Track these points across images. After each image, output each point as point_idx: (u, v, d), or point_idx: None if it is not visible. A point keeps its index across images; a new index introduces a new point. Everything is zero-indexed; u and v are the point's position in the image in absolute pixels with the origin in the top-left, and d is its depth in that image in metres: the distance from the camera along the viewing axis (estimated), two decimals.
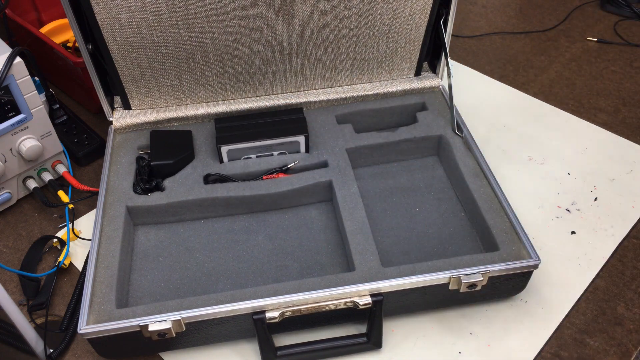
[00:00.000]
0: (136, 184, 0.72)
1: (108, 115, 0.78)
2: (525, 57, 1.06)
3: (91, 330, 0.56)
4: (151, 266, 0.68)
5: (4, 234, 0.75)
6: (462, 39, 1.11)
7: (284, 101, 0.80)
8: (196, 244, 0.70)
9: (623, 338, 0.63)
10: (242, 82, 0.78)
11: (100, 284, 0.61)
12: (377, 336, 0.60)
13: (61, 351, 0.62)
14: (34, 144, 0.72)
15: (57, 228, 0.76)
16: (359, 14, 0.73)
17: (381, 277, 0.60)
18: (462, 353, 0.61)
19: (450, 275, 0.59)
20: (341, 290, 0.58)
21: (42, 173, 0.78)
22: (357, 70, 0.81)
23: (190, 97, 0.79)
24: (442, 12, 0.77)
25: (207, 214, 0.72)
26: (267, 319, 0.58)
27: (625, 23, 1.14)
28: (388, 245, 0.68)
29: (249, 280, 0.66)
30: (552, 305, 0.65)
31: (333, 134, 0.78)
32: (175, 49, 0.72)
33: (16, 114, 0.70)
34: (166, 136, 0.77)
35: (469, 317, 0.65)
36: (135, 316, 0.57)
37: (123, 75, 0.74)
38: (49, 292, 0.67)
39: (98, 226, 0.66)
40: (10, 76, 0.67)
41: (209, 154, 0.75)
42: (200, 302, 0.58)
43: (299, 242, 0.70)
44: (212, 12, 0.69)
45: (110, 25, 0.68)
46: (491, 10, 1.20)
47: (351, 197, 0.69)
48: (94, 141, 0.85)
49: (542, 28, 1.13)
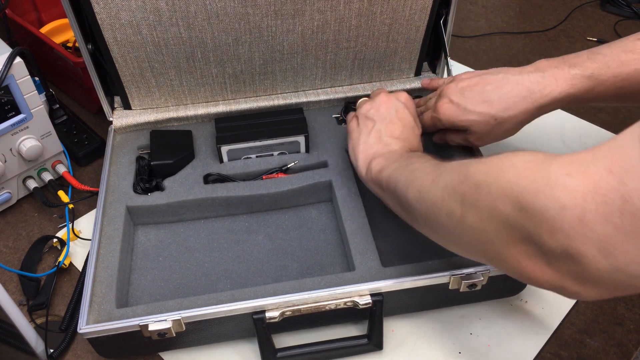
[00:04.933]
0: (136, 184, 0.72)
1: (108, 115, 0.78)
2: (525, 57, 1.06)
3: (91, 330, 0.56)
4: (151, 266, 0.67)
5: (4, 234, 0.75)
6: (462, 39, 1.11)
7: (284, 101, 0.80)
8: (196, 244, 0.70)
9: (623, 338, 0.63)
10: (242, 82, 0.78)
11: (100, 283, 0.61)
12: (378, 337, 0.60)
13: (61, 351, 0.62)
14: (34, 144, 0.72)
15: (57, 228, 0.76)
16: (359, 13, 0.73)
17: (381, 277, 0.60)
18: (462, 353, 0.61)
19: (450, 275, 0.59)
20: (341, 290, 0.58)
21: (42, 173, 0.78)
22: (357, 70, 0.81)
23: (190, 97, 0.79)
24: (442, 12, 0.77)
25: (207, 214, 0.72)
26: (267, 319, 0.58)
27: (625, 23, 1.14)
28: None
29: (249, 280, 0.66)
30: (552, 305, 0.65)
31: (333, 134, 0.78)
32: (176, 49, 0.72)
33: (16, 114, 0.70)
34: (166, 136, 0.77)
35: (469, 317, 0.65)
36: (135, 316, 0.57)
37: (123, 75, 0.74)
38: (49, 292, 0.67)
39: (98, 226, 0.66)
40: (10, 76, 0.67)
41: (209, 154, 0.75)
42: (200, 302, 0.58)
43: (299, 242, 0.70)
44: (212, 12, 0.69)
45: (110, 24, 0.68)
46: (491, 10, 1.20)
47: (351, 197, 0.69)
48: (94, 141, 0.85)
49: (542, 28, 1.14)
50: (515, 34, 1.12)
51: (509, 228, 0.38)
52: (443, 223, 0.45)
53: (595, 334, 0.63)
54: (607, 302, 0.66)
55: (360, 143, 0.64)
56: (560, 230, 0.34)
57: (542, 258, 0.36)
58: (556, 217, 0.34)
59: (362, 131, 0.64)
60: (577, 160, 0.35)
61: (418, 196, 0.49)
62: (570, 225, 0.33)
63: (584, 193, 0.33)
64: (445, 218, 0.44)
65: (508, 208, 0.37)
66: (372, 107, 0.65)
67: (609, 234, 0.32)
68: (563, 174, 0.35)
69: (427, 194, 0.47)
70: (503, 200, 0.38)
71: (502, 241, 0.39)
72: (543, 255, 0.36)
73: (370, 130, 0.64)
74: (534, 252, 0.37)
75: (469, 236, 0.42)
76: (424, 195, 0.48)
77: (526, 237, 0.37)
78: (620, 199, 0.32)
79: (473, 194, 0.41)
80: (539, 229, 0.35)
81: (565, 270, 0.35)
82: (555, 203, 0.34)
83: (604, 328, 0.64)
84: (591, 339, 0.63)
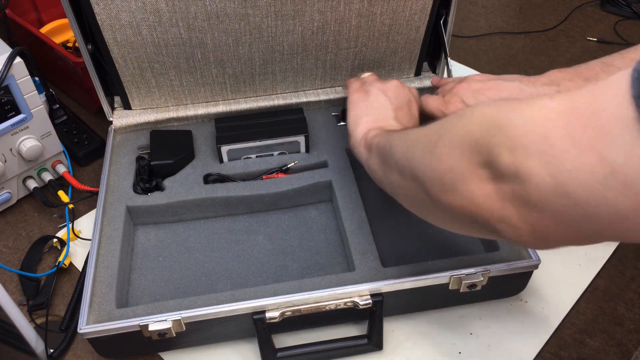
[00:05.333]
0: (136, 184, 0.72)
1: (108, 115, 0.78)
2: (525, 57, 1.06)
3: (91, 330, 0.56)
4: (151, 266, 0.67)
5: (4, 234, 0.75)
6: (462, 39, 1.11)
7: (284, 101, 0.80)
8: (196, 244, 0.70)
9: (623, 338, 0.63)
10: (242, 82, 0.78)
11: (100, 283, 0.61)
12: (378, 337, 0.60)
13: (61, 351, 0.62)
14: (34, 144, 0.72)
15: (57, 228, 0.76)
16: (359, 14, 0.73)
17: (381, 277, 0.60)
18: (462, 353, 0.61)
19: (450, 275, 0.59)
20: (341, 290, 0.58)
21: (42, 173, 0.78)
22: (357, 70, 0.81)
23: (190, 97, 0.79)
24: (442, 12, 0.77)
25: (207, 213, 0.72)
26: (267, 319, 0.58)
27: (625, 23, 1.14)
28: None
29: (249, 280, 0.66)
30: (552, 305, 0.65)
31: (333, 134, 0.78)
32: (176, 49, 0.72)
33: (16, 114, 0.70)
34: (166, 136, 0.77)
35: (469, 317, 0.65)
36: (135, 316, 0.57)
37: (123, 75, 0.74)
38: (49, 292, 0.67)
39: (98, 226, 0.66)
40: (10, 76, 0.67)
41: (209, 154, 0.75)
42: (200, 302, 0.58)
43: (299, 242, 0.70)
44: (212, 13, 0.69)
45: (110, 25, 0.68)
46: (491, 10, 1.20)
47: (351, 197, 0.69)
48: (94, 141, 0.85)
49: (542, 28, 1.14)
50: (515, 34, 1.12)
51: (474, 150, 0.38)
52: (416, 157, 0.46)
53: (595, 334, 0.63)
54: (607, 302, 0.66)
55: (368, 114, 0.63)
56: (521, 145, 0.35)
57: (492, 183, 0.37)
58: (522, 132, 0.35)
59: (372, 104, 0.64)
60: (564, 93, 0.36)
61: (402, 140, 0.50)
62: (532, 140, 0.34)
63: (560, 111, 0.33)
64: (420, 150, 0.46)
65: (482, 129, 0.38)
66: (387, 88, 0.65)
67: (565, 148, 0.32)
68: (545, 99, 0.35)
69: (412, 134, 0.49)
70: (479, 124, 0.39)
71: (462, 166, 0.40)
72: (494, 180, 0.37)
73: (381, 107, 0.63)
74: (487, 177, 0.38)
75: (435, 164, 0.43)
76: (408, 136, 0.49)
77: (486, 160, 0.37)
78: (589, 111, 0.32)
79: (453, 122, 0.42)
80: (501, 146, 0.36)
81: (509, 194, 0.36)
82: (525, 117, 0.35)
83: (604, 328, 0.64)
84: (591, 339, 0.63)
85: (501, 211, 0.38)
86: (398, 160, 0.50)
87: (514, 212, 0.37)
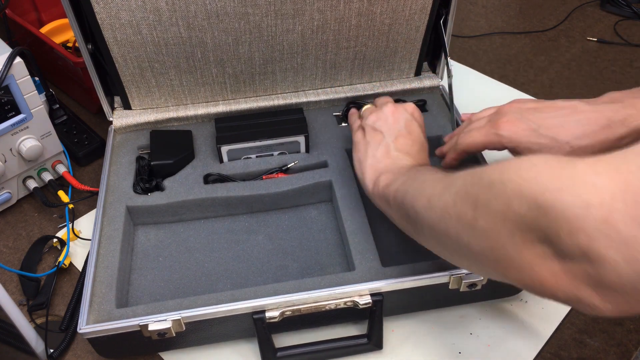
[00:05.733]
0: (136, 184, 0.72)
1: (108, 115, 0.78)
2: (525, 57, 1.06)
3: (91, 330, 0.56)
4: (151, 266, 0.67)
5: (4, 234, 0.75)
6: (462, 39, 1.11)
7: (284, 101, 0.80)
8: (196, 244, 0.70)
9: (623, 338, 0.63)
10: (242, 82, 0.78)
11: (100, 283, 0.61)
12: (377, 337, 0.60)
13: (61, 351, 0.62)
14: (34, 144, 0.72)
15: (57, 228, 0.76)
16: (358, 13, 0.73)
17: (381, 277, 0.60)
18: (462, 353, 0.61)
19: (450, 275, 0.59)
20: (341, 289, 0.58)
21: (42, 173, 0.78)
22: (357, 70, 0.81)
23: (190, 97, 0.79)
24: (442, 12, 0.77)
25: (207, 214, 0.72)
26: (267, 319, 0.58)
27: (625, 23, 1.14)
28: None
29: (249, 280, 0.66)
30: (552, 305, 0.65)
31: (333, 134, 0.78)
32: (176, 49, 0.72)
33: (16, 114, 0.70)
34: (166, 136, 0.77)
35: (469, 317, 0.65)
36: (135, 316, 0.57)
37: (123, 75, 0.74)
38: (49, 292, 0.67)
39: (98, 226, 0.66)
40: (10, 76, 0.67)
41: (209, 154, 0.75)
42: (200, 302, 0.58)
43: (299, 242, 0.70)
44: (212, 12, 0.69)
45: (110, 24, 0.68)
46: (491, 10, 1.20)
47: (351, 197, 0.69)
48: (94, 141, 0.85)
49: (542, 28, 1.14)
50: (515, 34, 1.12)
51: (524, 229, 0.35)
52: (452, 231, 0.42)
53: (595, 334, 0.63)
54: None
55: (368, 157, 0.61)
56: (582, 230, 0.31)
57: (557, 261, 0.34)
58: (579, 215, 0.31)
59: (369, 144, 0.62)
60: (605, 160, 0.33)
61: (427, 205, 0.46)
62: (593, 225, 0.31)
63: (613, 192, 0.31)
64: (454, 224, 0.42)
65: (524, 207, 0.35)
66: (379, 118, 0.63)
67: (636, 236, 0.30)
68: (590, 172, 0.32)
69: (438, 201, 0.45)
70: (519, 199, 0.35)
71: (515, 244, 0.36)
72: (559, 258, 0.34)
73: (378, 144, 0.61)
74: (549, 254, 0.34)
75: (480, 241, 0.39)
76: (433, 203, 0.45)
77: (542, 237, 0.34)
78: None
79: (487, 193, 0.38)
80: (557, 229, 0.33)
81: (582, 275, 0.33)
82: (579, 201, 0.31)
83: (604, 328, 0.64)
84: (591, 339, 0.63)
85: (575, 292, 0.34)
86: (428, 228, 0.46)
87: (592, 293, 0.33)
